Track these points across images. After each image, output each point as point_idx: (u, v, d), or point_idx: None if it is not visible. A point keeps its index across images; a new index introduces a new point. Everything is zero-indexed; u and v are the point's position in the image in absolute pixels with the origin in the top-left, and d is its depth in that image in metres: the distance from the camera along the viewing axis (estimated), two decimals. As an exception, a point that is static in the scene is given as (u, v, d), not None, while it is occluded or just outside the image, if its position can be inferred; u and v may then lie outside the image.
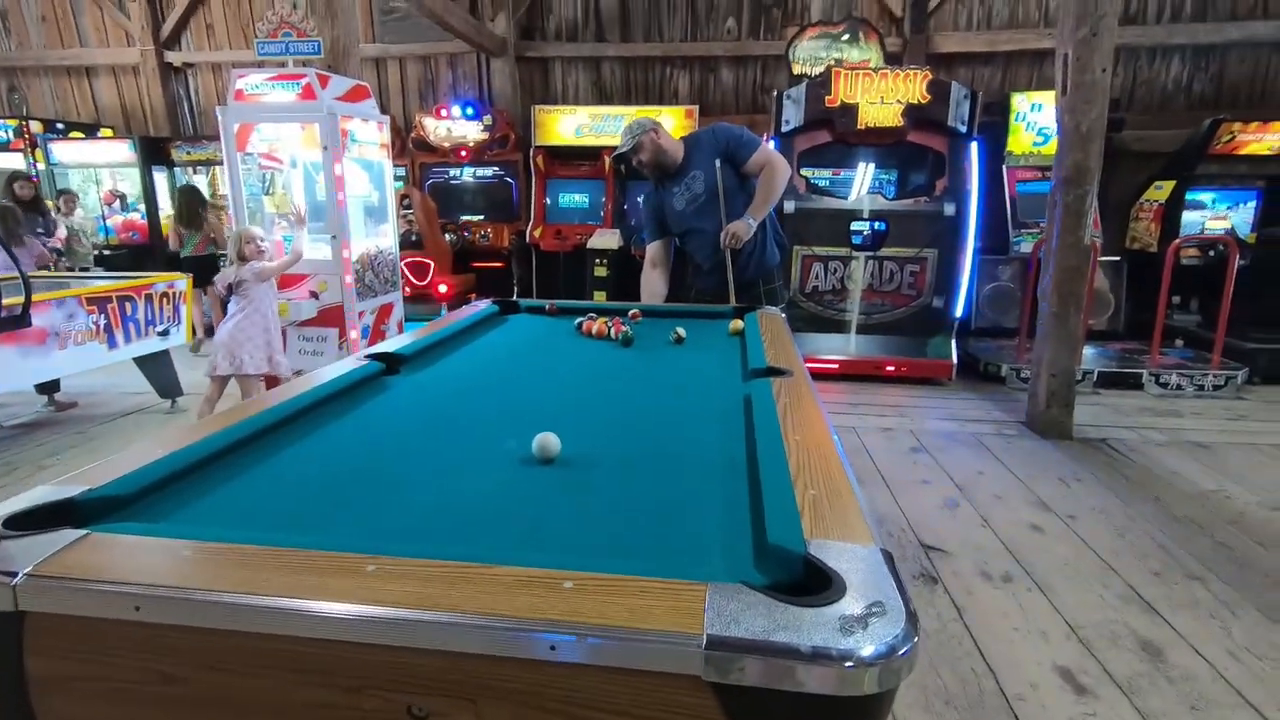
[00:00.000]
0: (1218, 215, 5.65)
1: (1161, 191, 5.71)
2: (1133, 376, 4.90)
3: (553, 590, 0.75)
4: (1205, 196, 5.64)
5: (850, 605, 0.73)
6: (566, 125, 6.45)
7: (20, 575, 0.77)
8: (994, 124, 5.67)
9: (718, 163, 2.90)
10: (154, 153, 7.06)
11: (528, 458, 1.22)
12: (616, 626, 0.70)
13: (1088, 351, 5.11)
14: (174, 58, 7.63)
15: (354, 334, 4.06)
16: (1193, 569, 2.54)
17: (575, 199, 6.70)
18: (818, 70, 5.96)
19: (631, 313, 2.58)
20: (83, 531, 0.87)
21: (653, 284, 3.14)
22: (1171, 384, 4.83)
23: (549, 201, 6.67)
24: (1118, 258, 5.81)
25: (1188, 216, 5.60)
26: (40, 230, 5.18)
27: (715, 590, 0.74)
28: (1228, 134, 5.37)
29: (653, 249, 3.19)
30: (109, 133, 7.59)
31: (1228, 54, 6.28)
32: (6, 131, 6.93)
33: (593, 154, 6.44)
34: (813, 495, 1.01)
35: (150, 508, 1.03)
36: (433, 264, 6.04)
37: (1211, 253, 5.51)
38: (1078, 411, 4.03)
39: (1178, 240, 5.12)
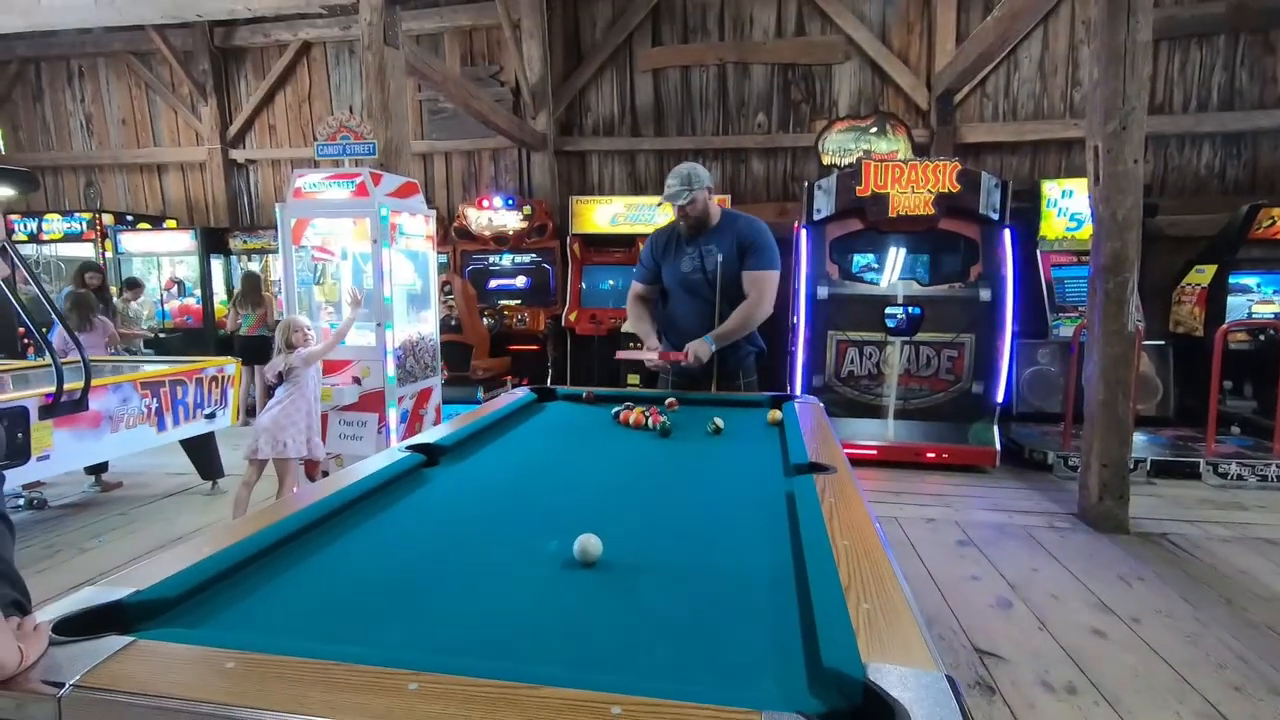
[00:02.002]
0: (1265, 299, 5.52)
1: (1203, 275, 5.63)
2: (1189, 465, 4.69)
3: (600, 717, 0.72)
4: (1250, 280, 5.54)
5: (916, 742, 0.68)
6: (602, 215, 6.68)
7: (67, 687, 0.77)
8: (1025, 210, 5.71)
9: (734, 251, 2.87)
10: (213, 242, 7.47)
11: (569, 560, 1.20)
12: (667, 761, 0.66)
13: (1138, 439, 4.93)
14: (238, 155, 8.19)
15: (393, 421, 4.12)
16: (1277, 683, 2.34)
17: (610, 284, 6.86)
18: (847, 161, 6.13)
19: (668, 401, 2.58)
20: (128, 639, 0.87)
21: (639, 312, 3.12)
22: (1232, 474, 4.61)
23: (584, 286, 6.84)
24: (1162, 341, 5.68)
25: (1233, 300, 5.49)
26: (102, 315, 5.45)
27: (770, 720, 0.71)
28: (1268, 219, 5.33)
29: (641, 288, 3.14)
30: (173, 224, 8.08)
31: (1259, 141, 6.30)
32: (81, 224, 7.42)
33: (627, 241, 6.62)
34: (867, 610, 0.97)
35: (195, 610, 1.03)
36: (471, 348, 6.16)
37: (1262, 337, 5.36)
38: (1133, 503, 3.84)
39: (1226, 325, 4.99)
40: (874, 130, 6.22)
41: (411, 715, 0.72)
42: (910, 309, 4.99)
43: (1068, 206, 5.68)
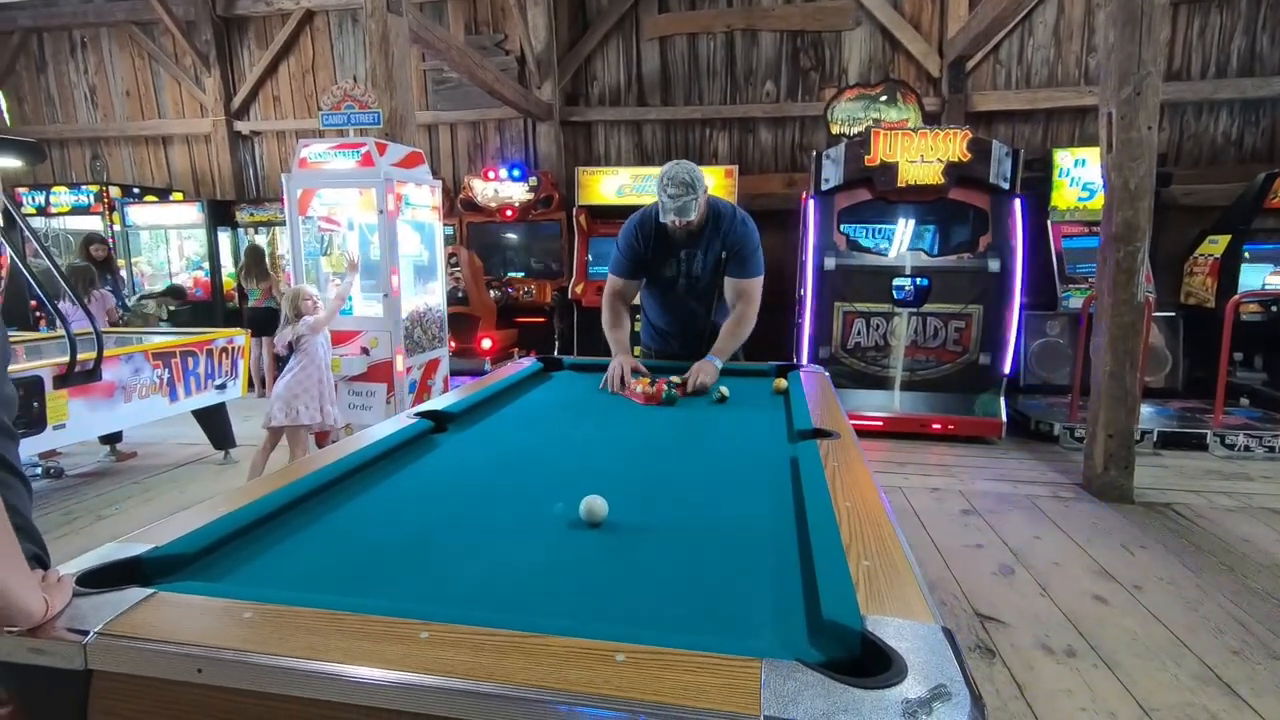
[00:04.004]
0: (1278, 270, 5.46)
1: (1216, 246, 5.56)
2: (1196, 437, 4.68)
3: (605, 663, 0.74)
4: (1265, 251, 5.47)
5: (912, 688, 0.70)
6: (608, 185, 6.63)
7: (91, 634, 0.80)
8: (1037, 179, 5.64)
9: (720, 254, 2.66)
10: (220, 214, 7.45)
11: (576, 521, 1.23)
12: (670, 704, 0.69)
13: (1146, 410, 4.92)
14: (242, 126, 8.13)
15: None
16: (1275, 648, 2.37)
17: (616, 256, 6.82)
18: (856, 130, 6.04)
19: (674, 379, 2.58)
20: (149, 590, 0.90)
21: (615, 319, 2.79)
22: (1239, 445, 4.60)
23: (591, 258, 6.81)
24: (1173, 313, 5.64)
25: (1246, 271, 5.43)
26: (109, 288, 5.47)
27: (770, 667, 0.73)
28: (1284, 187, 5.25)
29: (621, 283, 2.82)
30: (180, 196, 8.06)
31: (1279, 108, 6.18)
32: (88, 196, 7.42)
33: (633, 213, 6.58)
34: (867, 566, 0.99)
35: (212, 566, 1.06)
36: (478, 319, 6.18)
37: (1275, 308, 5.31)
38: (1138, 473, 3.85)
39: (1238, 296, 4.95)
40: (884, 98, 6.11)
41: (423, 662, 0.75)
42: (918, 280, 4.96)
43: (1080, 176, 5.60)
